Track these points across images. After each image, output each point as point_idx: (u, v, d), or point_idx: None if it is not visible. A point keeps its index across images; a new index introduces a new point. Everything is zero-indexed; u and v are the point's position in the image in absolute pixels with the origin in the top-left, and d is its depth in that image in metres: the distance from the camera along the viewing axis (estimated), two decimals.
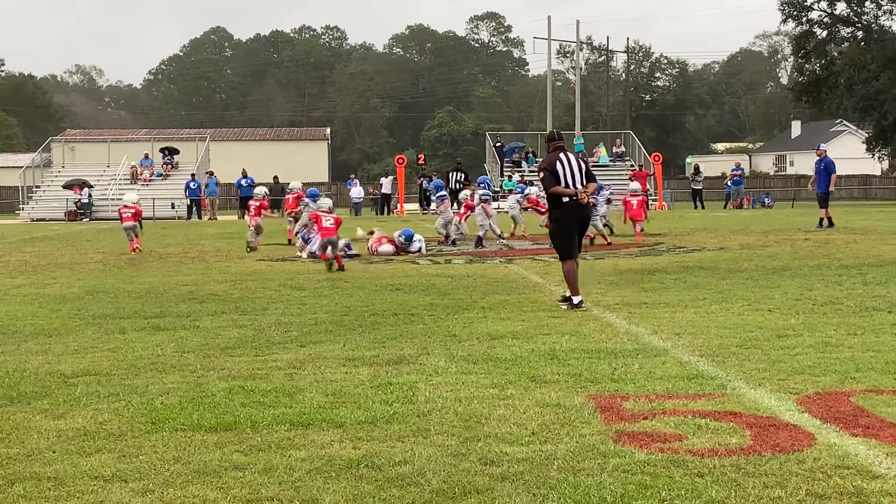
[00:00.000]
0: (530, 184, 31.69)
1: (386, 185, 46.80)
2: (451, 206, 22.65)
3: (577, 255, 10.72)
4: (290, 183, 23.88)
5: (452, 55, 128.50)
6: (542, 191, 20.88)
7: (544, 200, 20.54)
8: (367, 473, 4.78)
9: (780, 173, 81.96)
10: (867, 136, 60.46)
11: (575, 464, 4.85)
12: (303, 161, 67.71)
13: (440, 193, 22.83)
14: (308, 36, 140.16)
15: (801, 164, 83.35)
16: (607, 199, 21.51)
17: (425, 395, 6.38)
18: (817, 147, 25.04)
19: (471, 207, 21.91)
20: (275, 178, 47.16)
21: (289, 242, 21.35)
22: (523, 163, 50.85)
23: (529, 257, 17.21)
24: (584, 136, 54.49)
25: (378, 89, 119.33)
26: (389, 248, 18.58)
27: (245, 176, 43.26)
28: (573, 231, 10.70)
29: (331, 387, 6.70)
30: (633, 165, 49.10)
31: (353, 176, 52.38)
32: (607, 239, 19.57)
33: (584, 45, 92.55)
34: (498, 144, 51.62)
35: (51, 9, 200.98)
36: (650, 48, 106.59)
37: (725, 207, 42.46)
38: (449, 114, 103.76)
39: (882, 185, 67.20)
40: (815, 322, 9.11)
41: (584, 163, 10.85)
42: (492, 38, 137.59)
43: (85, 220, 42.18)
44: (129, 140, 59.22)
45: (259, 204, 20.68)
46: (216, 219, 41.12)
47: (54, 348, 8.48)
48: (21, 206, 46.51)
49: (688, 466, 4.77)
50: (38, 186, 47.54)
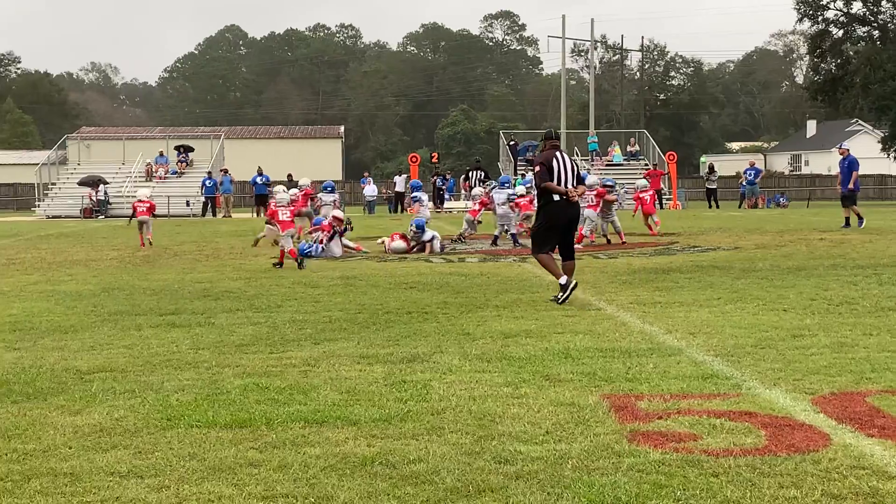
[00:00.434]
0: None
1: (399, 183, 46.81)
2: (426, 207, 22.35)
3: (552, 250, 11.23)
4: (298, 181, 23.88)
5: (466, 54, 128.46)
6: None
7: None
8: (381, 471, 4.79)
9: (795, 173, 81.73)
10: (883, 135, 60.21)
11: (589, 463, 4.85)
12: (317, 159, 67.77)
13: (415, 194, 22.79)
14: (322, 34, 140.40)
15: (816, 163, 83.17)
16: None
17: (439, 394, 6.39)
18: (839, 146, 25.03)
19: (485, 204, 22.04)
20: (289, 176, 47.23)
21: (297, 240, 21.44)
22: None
23: None
24: (598, 135, 54.42)
25: (392, 88, 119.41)
26: (401, 245, 18.61)
27: (260, 174, 43.36)
28: (558, 230, 11.11)
29: (345, 384, 6.71)
30: (647, 164, 49.03)
31: (366, 174, 52.47)
32: (622, 238, 19.53)
33: (599, 44, 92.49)
34: (512, 143, 51.61)
35: (67, 7, 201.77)
36: (665, 47, 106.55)
37: (740, 207, 42.34)
38: (463, 112, 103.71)
39: None
40: (831, 322, 9.08)
41: (576, 166, 11.24)
42: (506, 37, 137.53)
43: (100, 217, 42.32)
44: (144, 138, 59.42)
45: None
46: (231, 216, 41.20)
47: (70, 345, 8.52)
48: (37, 203, 46.69)
49: (703, 466, 4.77)
50: (53, 183, 47.72)
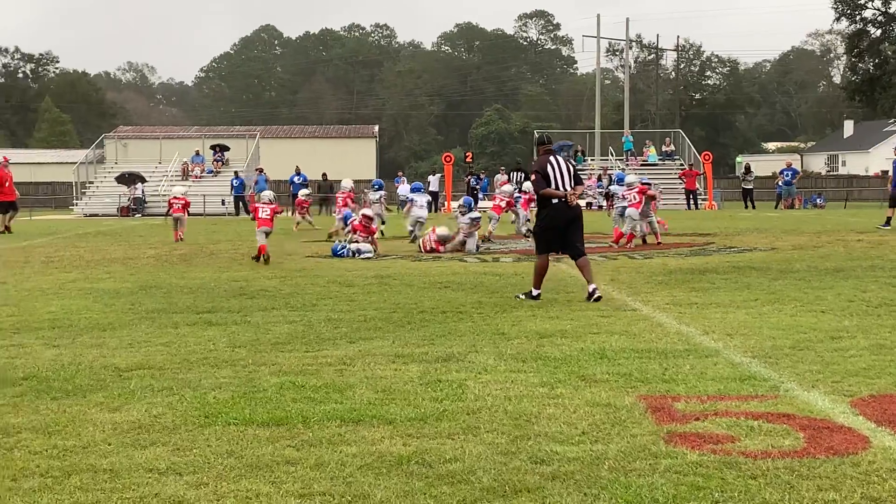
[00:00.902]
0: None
1: (433, 182, 46.84)
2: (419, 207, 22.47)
3: (556, 251, 11.55)
4: (340, 181, 23.95)
5: (501, 53, 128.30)
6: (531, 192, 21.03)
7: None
8: (417, 470, 4.80)
9: (831, 173, 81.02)
10: None
11: (626, 464, 4.84)
12: (351, 158, 67.86)
13: (410, 195, 22.99)
14: (357, 34, 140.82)
15: (853, 164, 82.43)
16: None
17: (475, 393, 6.39)
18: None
19: (511, 205, 22.47)
20: (323, 175, 47.39)
21: (329, 237, 21.67)
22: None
23: None
24: (632, 135, 54.19)
25: (426, 87, 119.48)
26: (445, 231, 19.11)
27: (298, 173, 43.52)
28: (557, 231, 11.31)
29: (380, 383, 6.73)
30: (682, 164, 48.79)
31: (400, 173, 52.52)
32: (658, 238, 19.44)
33: (634, 44, 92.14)
34: None
35: (104, 7, 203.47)
36: (700, 46, 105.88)
37: (776, 208, 42.04)
38: (497, 112, 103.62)
39: None
40: (870, 324, 9.00)
41: (573, 166, 11.50)
42: (540, 37, 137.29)
43: (137, 215, 42.65)
44: (180, 137, 59.71)
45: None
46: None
47: (109, 342, 8.59)
48: (75, 202, 47.12)
49: (741, 468, 4.74)
50: (91, 182, 48.14)
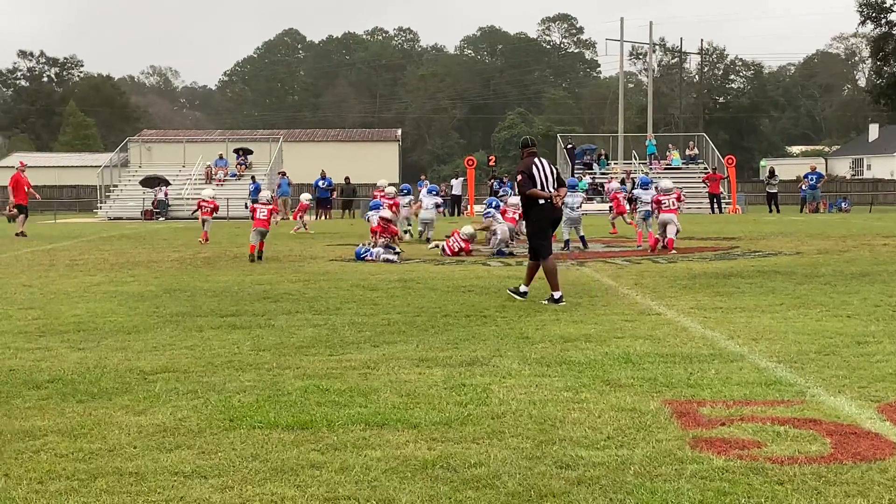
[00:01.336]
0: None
1: (456, 186, 46.86)
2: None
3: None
4: (384, 188, 23.84)
5: (524, 57, 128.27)
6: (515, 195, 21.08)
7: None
8: (442, 474, 4.80)
9: (856, 177, 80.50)
10: None
11: (652, 469, 4.81)
12: (374, 162, 67.98)
13: (400, 198, 23.29)
14: (380, 38, 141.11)
15: (878, 168, 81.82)
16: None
17: (499, 398, 6.38)
18: None
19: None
20: (346, 178, 47.50)
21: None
22: (595, 165, 50.63)
23: (601, 260, 17.10)
24: (656, 139, 54.05)
25: (449, 91, 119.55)
26: (470, 230, 19.32)
27: (323, 177, 43.63)
28: (548, 231, 11.66)
29: (405, 387, 6.73)
30: (706, 168, 48.62)
31: (423, 177, 52.55)
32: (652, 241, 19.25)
33: (657, 47, 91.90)
34: (569, 146, 51.43)
35: (128, 12, 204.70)
36: (724, 50, 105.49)
37: (801, 212, 41.81)
38: (520, 115, 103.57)
39: None
40: None
41: (556, 169, 11.79)
42: (563, 40, 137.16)
43: (160, 218, 42.84)
44: (203, 141, 59.94)
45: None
46: (288, 219, 41.49)
47: (133, 345, 8.63)
48: (99, 205, 47.38)
49: (767, 474, 4.72)
50: (115, 185, 48.40)
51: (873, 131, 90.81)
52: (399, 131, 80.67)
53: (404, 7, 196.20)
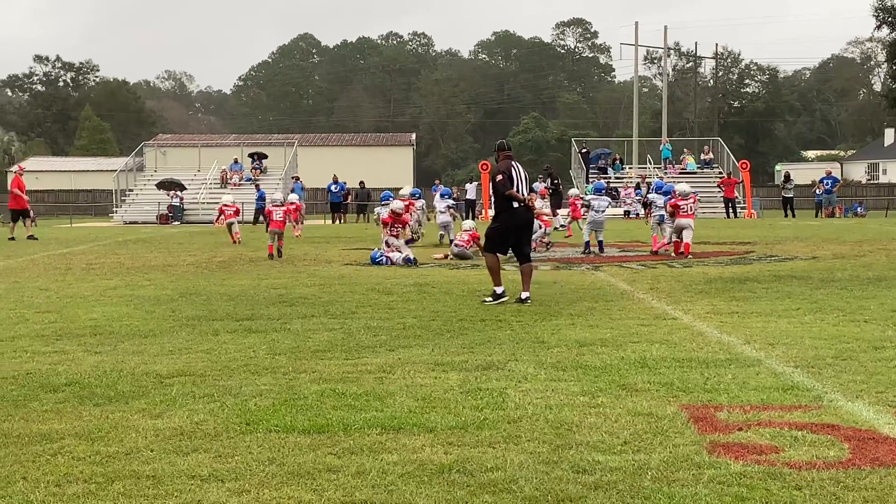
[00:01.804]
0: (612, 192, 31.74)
1: (471, 190, 46.83)
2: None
3: (504, 252, 12.23)
4: (400, 189, 24.19)
5: (538, 61, 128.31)
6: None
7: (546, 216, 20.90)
8: (459, 479, 4.79)
9: (872, 182, 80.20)
10: None
11: (669, 474, 4.80)
12: (388, 166, 68.07)
13: (422, 201, 24.00)
14: (395, 42, 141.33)
15: (894, 172, 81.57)
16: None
17: (515, 402, 6.37)
18: None
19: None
20: (361, 183, 47.53)
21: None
22: (609, 169, 50.56)
23: (617, 264, 17.07)
24: (671, 143, 53.95)
25: (463, 95, 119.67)
26: (470, 223, 20.13)
27: (336, 182, 43.69)
28: (512, 233, 11.92)
29: (420, 391, 6.72)
30: (721, 173, 48.50)
31: (437, 182, 52.54)
32: (667, 247, 19.16)
33: (672, 52, 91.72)
34: (584, 151, 51.38)
35: (143, 17, 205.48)
36: (739, 54, 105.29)
37: (816, 216, 41.68)
38: (534, 120, 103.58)
39: None
40: None
41: (527, 174, 12.16)
42: (578, 45, 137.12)
43: (175, 223, 42.96)
44: (218, 145, 60.09)
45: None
46: (301, 223, 41.54)
47: (150, 349, 8.65)
48: (114, 209, 47.54)
49: (785, 479, 4.70)
50: (130, 190, 48.57)
51: (889, 136, 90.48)
52: (413, 136, 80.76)
53: (419, 12, 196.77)
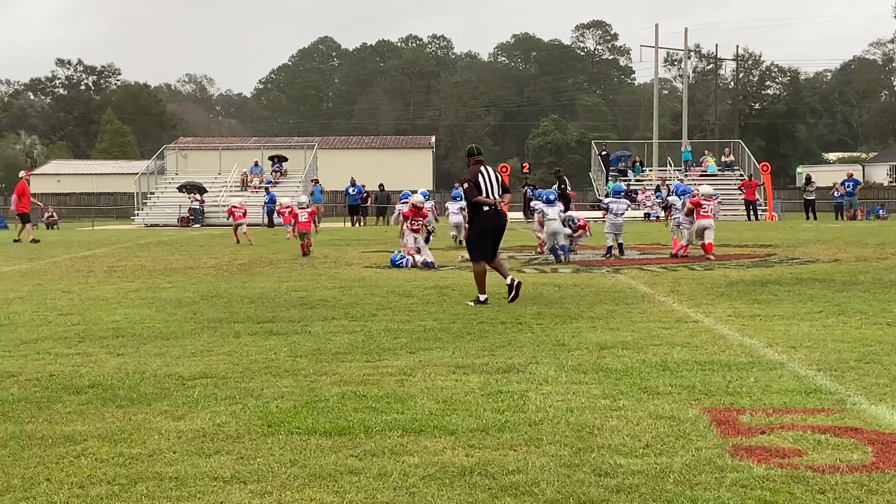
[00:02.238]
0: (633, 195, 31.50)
1: None
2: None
3: (489, 258, 12.19)
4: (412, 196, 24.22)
5: (558, 63, 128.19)
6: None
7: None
8: (480, 481, 4.79)
9: (894, 184, 79.66)
10: None
11: (691, 477, 4.78)
12: (408, 169, 68.14)
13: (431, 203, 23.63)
14: (414, 45, 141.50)
15: None
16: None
17: (536, 404, 6.36)
18: None
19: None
20: (380, 185, 47.62)
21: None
22: (629, 172, 50.46)
23: (637, 267, 17.03)
24: (691, 145, 53.80)
25: (483, 98, 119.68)
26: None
27: (353, 184, 43.78)
28: (489, 237, 12.16)
29: (441, 394, 6.72)
30: (742, 175, 48.33)
31: (456, 185, 52.52)
32: (686, 249, 19.11)
33: (692, 53, 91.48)
34: (604, 153, 51.31)
35: (164, 20, 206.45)
36: (760, 56, 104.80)
37: (837, 219, 41.46)
38: (553, 122, 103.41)
39: None
40: None
41: (500, 176, 12.32)
42: (598, 47, 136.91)
43: (196, 225, 43.12)
44: (239, 148, 60.35)
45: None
46: (318, 223, 41.68)
47: (172, 351, 8.69)
48: (136, 212, 47.75)
49: (808, 483, 4.67)
50: (152, 193, 48.78)
51: None
52: (433, 138, 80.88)
53: (438, 15, 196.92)
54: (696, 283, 13.91)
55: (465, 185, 12.18)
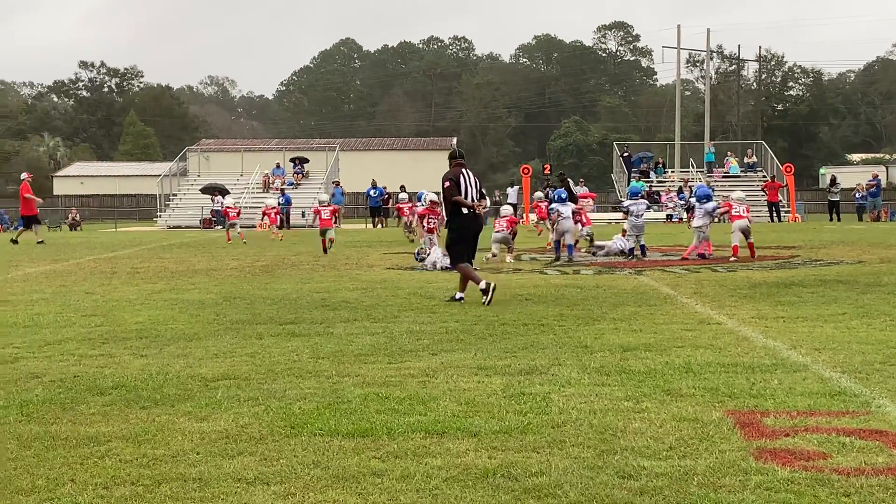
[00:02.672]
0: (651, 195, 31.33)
1: (512, 195, 46.82)
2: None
3: (468, 260, 12.44)
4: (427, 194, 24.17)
5: (579, 65, 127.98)
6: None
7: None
8: (503, 483, 4.78)
9: None
10: None
11: (715, 480, 4.76)
12: (430, 171, 67.87)
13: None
14: (435, 47, 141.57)
15: None
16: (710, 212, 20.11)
17: (559, 406, 6.35)
18: None
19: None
20: (402, 187, 47.61)
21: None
22: (651, 173, 50.33)
23: (659, 269, 16.97)
24: (713, 147, 53.60)
25: (504, 99, 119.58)
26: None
27: (374, 186, 43.85)
28: (467, 239, 12.40)
29: (464, 395, 6.72)
30: (765, 176, 48.12)
31: None
32: (710, 248, 19.08)
33: (715, 54, 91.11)
34: (625, 154, 51.20)
35: (187, 23, 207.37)
36: (783, 57, 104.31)
37: (860, 220, 41.20)
38: (575, 123, 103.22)
39: None
40: None
41: (478, 181, 12.57)
42: (619, 48, 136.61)
43: (219, 227, 43.26)
44: (261, 150, 60.56)
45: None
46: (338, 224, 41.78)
47: (195, 352, 8.71)
48: (158, 214, 47.98)
49: (833, 486, 4.64)
50: (174, 194, 49.00)
51: None
52: (454, 140, 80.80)
53: (459, 16, 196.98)
54: (719, 285, 13.86)
55: (447, 184, 12.29)
